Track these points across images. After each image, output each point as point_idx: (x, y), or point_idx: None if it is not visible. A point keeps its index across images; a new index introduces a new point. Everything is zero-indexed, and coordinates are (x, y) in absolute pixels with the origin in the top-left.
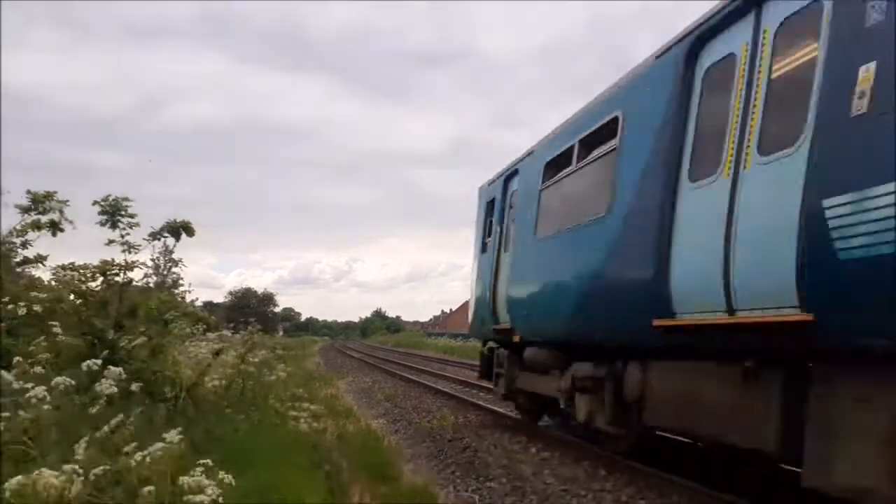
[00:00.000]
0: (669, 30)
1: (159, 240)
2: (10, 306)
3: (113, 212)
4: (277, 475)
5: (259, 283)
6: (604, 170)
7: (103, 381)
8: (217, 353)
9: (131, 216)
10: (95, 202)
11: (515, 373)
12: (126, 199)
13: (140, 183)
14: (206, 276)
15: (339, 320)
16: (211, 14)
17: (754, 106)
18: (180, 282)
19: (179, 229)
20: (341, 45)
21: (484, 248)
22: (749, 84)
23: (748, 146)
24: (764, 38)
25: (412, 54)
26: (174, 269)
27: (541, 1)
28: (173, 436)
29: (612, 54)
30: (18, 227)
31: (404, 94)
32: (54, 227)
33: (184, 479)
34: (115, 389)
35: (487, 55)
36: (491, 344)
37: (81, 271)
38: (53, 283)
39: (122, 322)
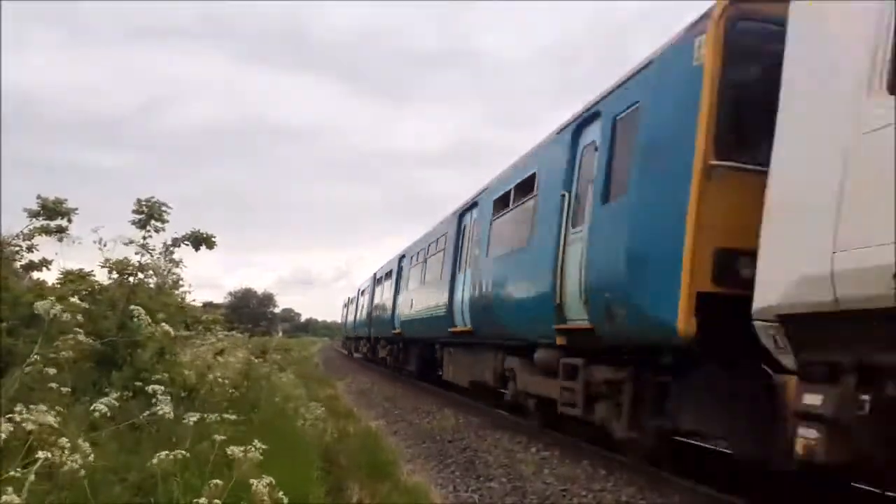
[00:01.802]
0: (668, 29)
1: (179, 247)
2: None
3: (150, 214)
4: (275, 475)
5: (259, 284)
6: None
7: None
8: (219, 354)
9: (164, 221)
10: (138, 201)
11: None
12: (165, 203)
13: (141, 183)
14: (206, 276)
15: (339, 321)
16: (212, 14)
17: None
18: (180, 282)
19: (201, 240)
20: (343, 45)
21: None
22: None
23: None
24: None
25: (414, 54)
26: (175, 270)
27: (543, 0)
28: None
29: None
30: (26, 231)
31: (405, 94)
32: (61, 233)
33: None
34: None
35: (489, 55)
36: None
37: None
38: (58, 284)
39: (127, 323)
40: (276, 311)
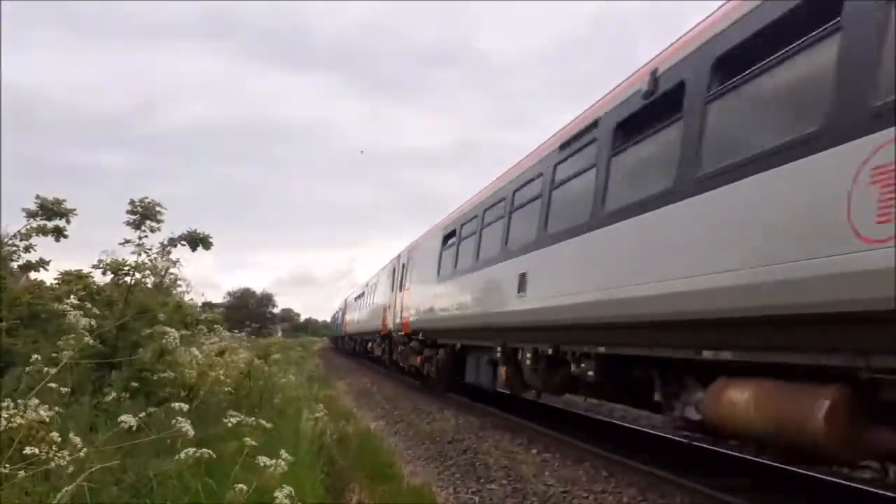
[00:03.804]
0: (670, 28)
1: (175, 247)
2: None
3: (145, 214)
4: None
5: (258, 283)
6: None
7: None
8: (221, 354)
9: (159, 221)
10: (131, 201)
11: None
12: (159, 203)
13: (142, 183)
14: (205, 276)
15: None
16: (212, 14)
17: None
18: (178, 282)
19: (197, 240)
20: (343, 44)
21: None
22: None
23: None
24: None
25: (415, 53)
26: (172, 271)
27: (544, 0)
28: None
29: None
30: (23, 231)
31: (405, 94)
32: (58, 233)
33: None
34: (113, 395)
35: (490, 54)
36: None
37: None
38: (57, 284)
39: (126, 324)
40: (276, 311)
